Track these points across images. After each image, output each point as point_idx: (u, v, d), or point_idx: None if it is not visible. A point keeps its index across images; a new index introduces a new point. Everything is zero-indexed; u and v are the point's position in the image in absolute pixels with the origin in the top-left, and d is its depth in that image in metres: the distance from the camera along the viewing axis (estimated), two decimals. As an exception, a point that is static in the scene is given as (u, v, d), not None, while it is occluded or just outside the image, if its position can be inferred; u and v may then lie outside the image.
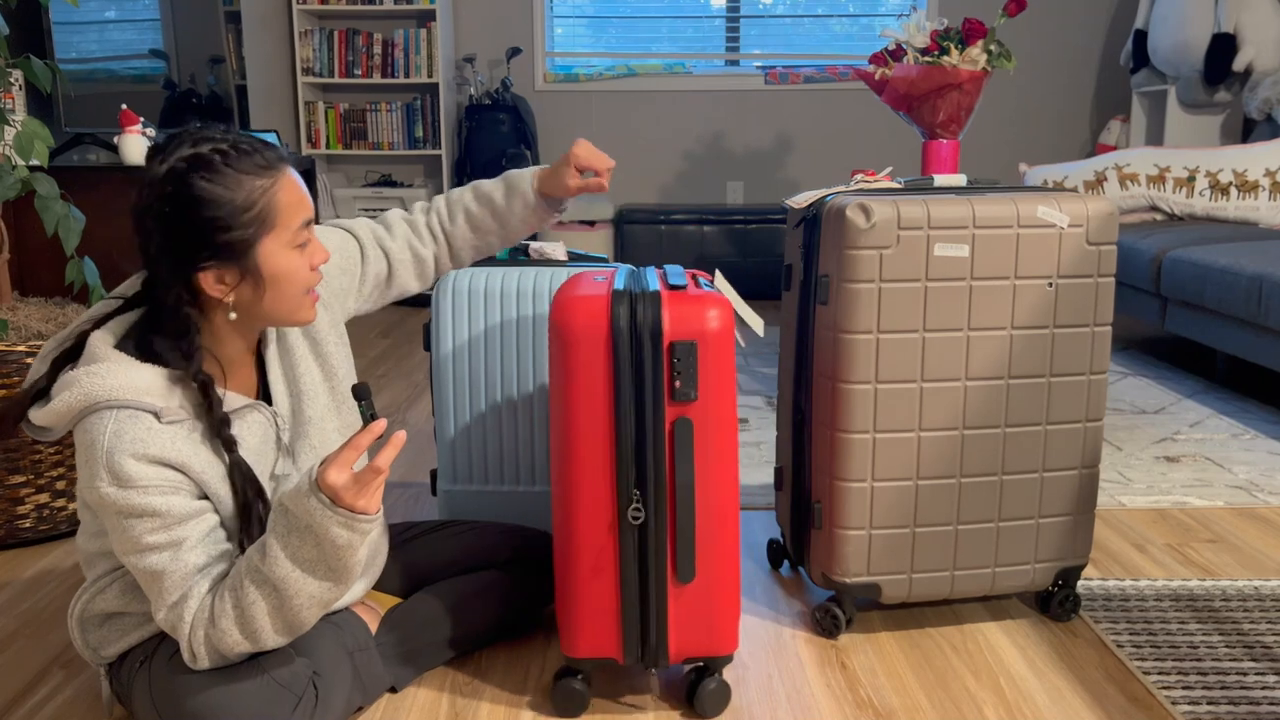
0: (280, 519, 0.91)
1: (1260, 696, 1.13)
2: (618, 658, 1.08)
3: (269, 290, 0.94)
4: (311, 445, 1.05)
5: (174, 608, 0.92)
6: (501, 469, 1.41)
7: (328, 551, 0.90)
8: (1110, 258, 1.22)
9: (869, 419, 1.20)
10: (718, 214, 3.89)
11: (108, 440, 0.89)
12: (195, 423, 0.94)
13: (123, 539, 0.91)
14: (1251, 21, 3.33)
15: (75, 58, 2.60)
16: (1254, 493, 1.80)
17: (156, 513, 0.90)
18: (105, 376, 0.91)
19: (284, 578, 0.90)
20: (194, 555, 0.92)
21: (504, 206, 1.19)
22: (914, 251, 1.17)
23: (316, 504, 0.88)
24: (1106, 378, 1.27)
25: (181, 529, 0.92)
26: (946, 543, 1.25)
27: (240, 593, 0.91)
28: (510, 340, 1.38)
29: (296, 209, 0.94)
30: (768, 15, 4.17)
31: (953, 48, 2.16)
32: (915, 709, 1.12)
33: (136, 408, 0.90)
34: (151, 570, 0.92)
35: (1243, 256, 2.30)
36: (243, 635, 0.92)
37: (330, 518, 0.88)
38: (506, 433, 1.40)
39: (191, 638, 0.92)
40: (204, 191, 0.89)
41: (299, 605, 0.92)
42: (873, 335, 1.18)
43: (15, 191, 1.61)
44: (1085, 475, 1.27)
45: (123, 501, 0.89)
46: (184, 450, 0.92)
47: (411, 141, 3.98)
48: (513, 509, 1.43)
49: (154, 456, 0.90)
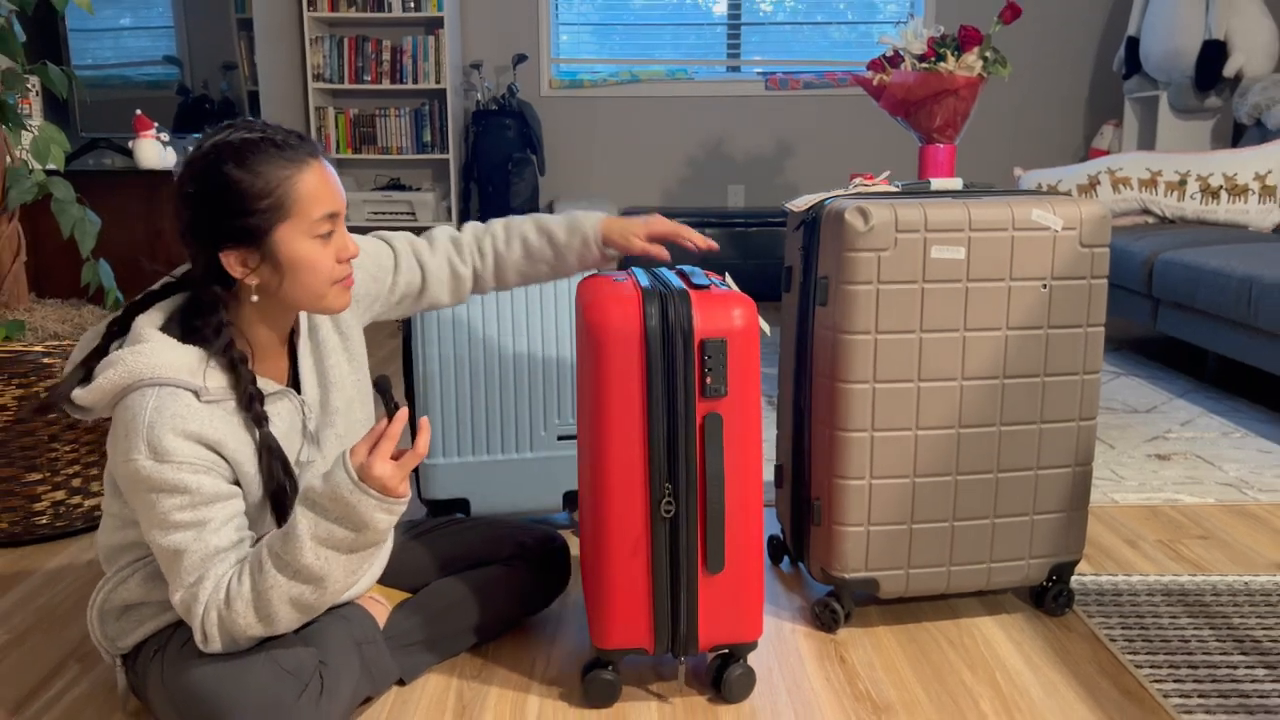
0: (310, 507, 0.95)
1: (1250, 690, 1.14)
2: (649, 648, 1.11)
3: (288, 275, 0.98)
4: (338, 434, 1.09)
5: (190, 588, 0.95)
6: (487, 439, 1.53)
7: (366, 537, 0.95)
8: (1103, 260, 1.24)
9: (867, 418, 1.22)
10: (719, 217, 3.92)
11: (149, 415, 0.93)
12: (233, 404, 0.98)
13: (150, 514, 0.94)
14: (1241, 28, 3.37)
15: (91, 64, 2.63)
16: (1244, 490, 1.82)
17: (187, 489, 0.93)
18: (149, 355, 0.95)
19: (309, 565, 0.94)
20: (216, 537, 0.95)
21: (564, 241, 1.24)
22: (911, 254, 1.19)
23: (362, 495, 0.93)
24: (1099, 377, 1.28)
25: (208, 510, 0.95)
26: (943, 539, 1.27)
27: (259, 577, 0.94)
28: (491, 319, 1.50)
29: (317, 200, 0.97)
30: (768, 23, 4.21)
31: (949, 54, 2.19)
32: (913, 702, 1.13)
33: (177, 385, 0.94)
34: (174, 548, 0.95)
35: (1233, 259, 2.33)
36: (257, 619, 0.95)
37: (376, 506, 0.94)
38: (492, 404, 1.52)
39: (205, 619, 0.95)
40: (226, 176, 0.94)
41: (319, 591, 0.96)
42: (871, 336, 1.20)
43: (32, 195, 1.64)
44: (1078, 473, 1.29)
45: (157, 476, 0.93)
46: (220, 429, 0.96)
47: (420, 146, 4.01)
48: (500, 477, 1.54)
49: (192, 433, 0.94)
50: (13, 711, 1.12)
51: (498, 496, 1.58)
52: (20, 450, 1.54)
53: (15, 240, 1.67)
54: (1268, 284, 2.14)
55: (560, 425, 1.57)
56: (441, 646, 1.20)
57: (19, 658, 1.24)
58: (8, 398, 1.52)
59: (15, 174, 1.62)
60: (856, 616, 1.33)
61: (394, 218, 4.01)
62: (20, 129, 1.64)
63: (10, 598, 1.41)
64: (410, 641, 1.16)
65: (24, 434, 1.54)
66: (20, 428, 1.53)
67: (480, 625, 1.22)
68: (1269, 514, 1.72)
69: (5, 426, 1.52)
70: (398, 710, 1.12)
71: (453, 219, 4.04)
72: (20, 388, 1.53)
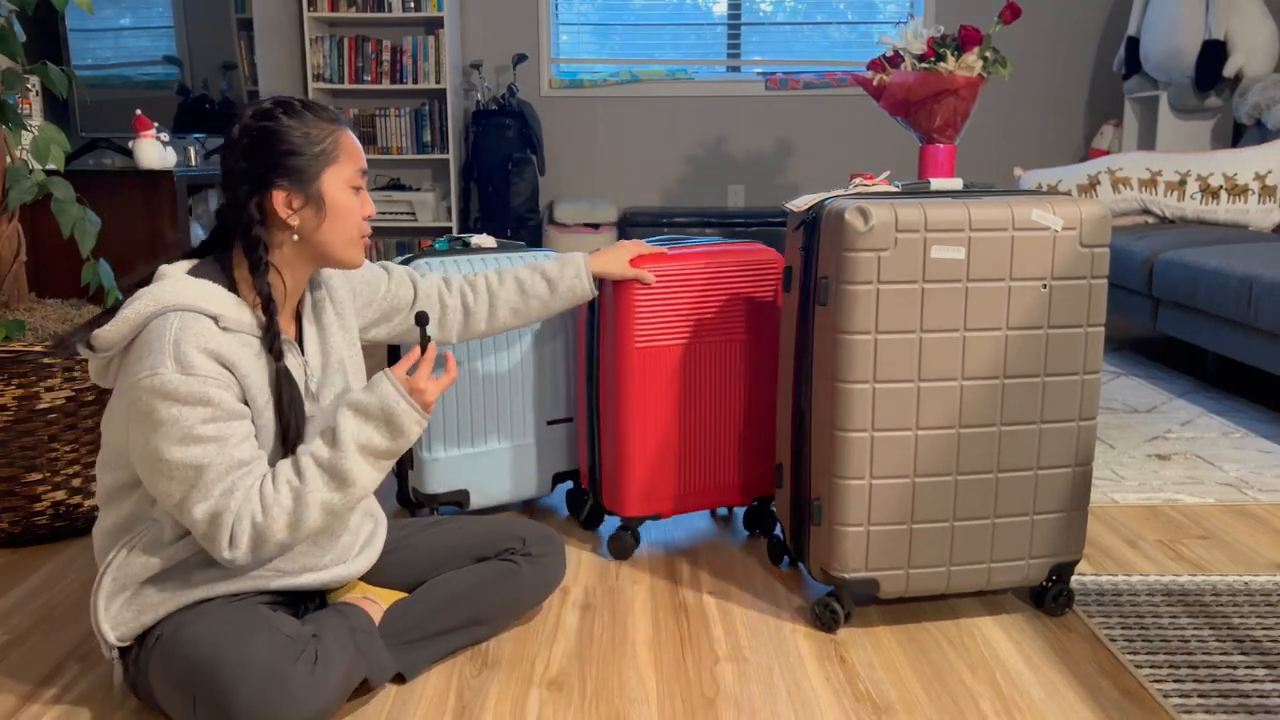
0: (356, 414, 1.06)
1: (1250, 690, 1.14)
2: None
3: (327, 219, 1.08)
4: (336, 391, 1.16)
5: (221, 498, 1.00)
6: (485, 430, 1.58)
7: (398, 444, 1.07)
8: (1103, 260, 1.24)
9: (867, 418, 1.22)
10: (719, 217, 3.92)
11: (174, 333, 1.00)
12: (248, 337, 1.06)
13: (170, 430, 0.99)
14: (1241, 28, 3.37)
15: (91, 64, 2.63)
16: (1244, 490, 1.82)
17: (211, 402, 1.00)
18: (174, 285, 1.04)
19: (351, 468, 1.04)
20: (239, 450, 1.02)
21: (557, 274, 1.41)
22: (911, 253, 1.19)
23: (407, 405, 1.06)
24: (1099, 377, 1.28)
25: (229, 425, 1.02)
26: (943, 539, 1.27)
27: (301, 485, 1.03)
28: None
29: (354, 155, 1.11)
30: (768, 23, 4.21)
31: (949, 54, 2.19)
32: (913, 702, 1.13)
33: (199, 311, 1.03)
34: (196, 463, 1.00)
35: (1233, 259, 2.33)
36: (287, 525, 1.02)
37: (414, 417, 1.07)
38: (489, 396, 1.58)
39: (236, 526, 1.01)
40: (282, 125, 1.06)
41: (351, 498, 1.05)
42: (871, 336, 1.20)
43: (33, 195, 1.64)
44: (1079, 473, 1.29)
45: (184, 389, 0.99)
46: (237, 352, 1.04)
47: (420, 146, 4.01)
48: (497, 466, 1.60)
49: (213, 351, 1.01)
50: (13, 711, 1.12)
51: (495, 485, 1.61)
52: (20, 450, 1.54)
53: (15, 240, 1.67)
54: (1267, 284, 2.14)
55: (551, 409, 1.63)
56: (440, 642, 1.20)
57: (19, 658, 1.24)
58: (8, 398, 1.52)
59: (15, 174, 1.63)
60: (856, 616, 1.34)
61: (394, 218, 4.01)
62: (20, 129, 1.64)
63: (10, 598, 1.41)
64: (408, 638, 1.17)
65: (24, 434, 1.54)
66: (20, 428, 1.54)
67: (478, 620, 1.23)
68: (1269, 514, 1.72)
69: (5, 426, 1.52)
70: (398, 710, 1.12)
71: (453, 219, 4.04)
72: (20, 388, 1.53)
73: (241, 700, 0.96)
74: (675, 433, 1.51)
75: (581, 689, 1.16)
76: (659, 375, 1.48)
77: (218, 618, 1.03)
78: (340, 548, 1.14)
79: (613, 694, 1.15)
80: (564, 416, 1.66)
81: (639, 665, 1.21)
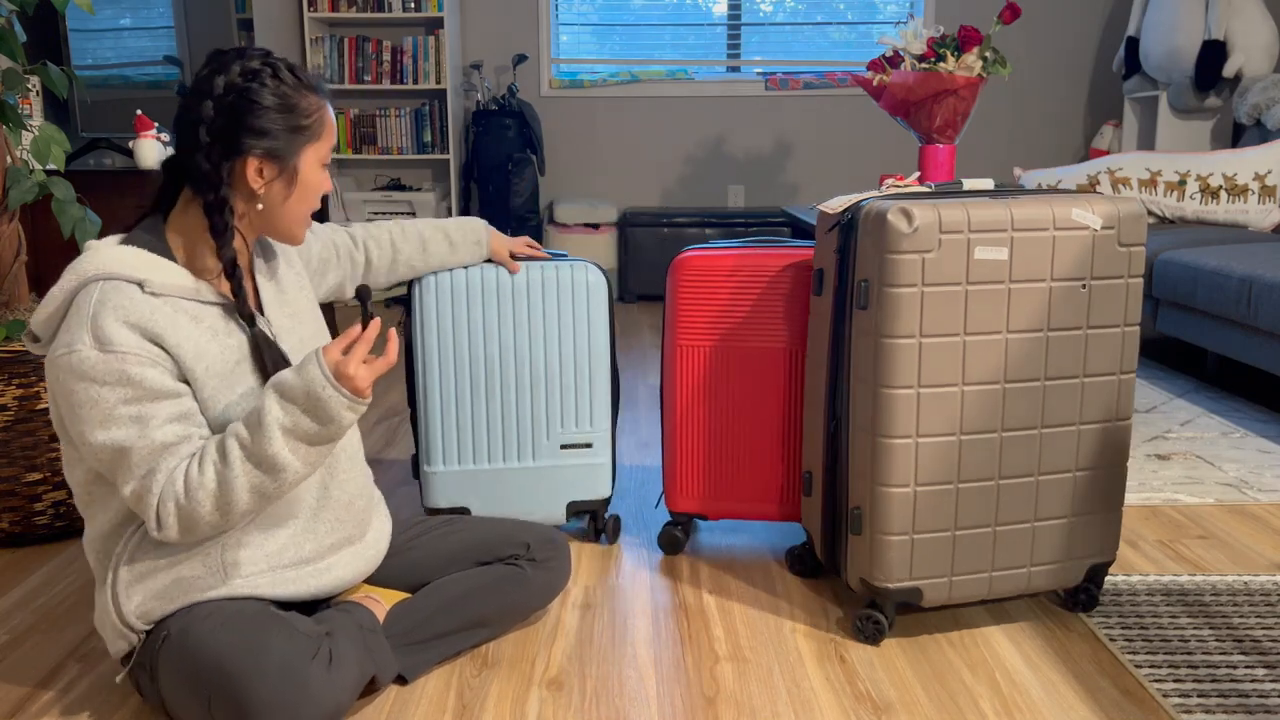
0: (281, 397, 0.98)
1: (1250, 689, 1.15)
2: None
3: (295, 193, 1.04)
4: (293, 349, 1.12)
5: (143, 479, 0.97)
6: (488, 447, 1.52)
7: (329, 431, 0.99)
8: (1139, 259, 1.22)
9: (911, 423, 1.18)
10: (719, 217, 3.92)
11: (93, 306, 0.95)
12: (181, 301, 1.01)
13: (90, 411, 0.95)
14: (1241, 28, 3.37)
15: (91, 64, 2.63)
16: (1243, 490, 1.82)
17: (130, 381, 0.95)
18: (95, 254, 0.99)
19: (276, 453, 0.97)
20: (160, 433, 0.97)
21: (460, 236, 1.43)
22: (955, 255, 1.16)
23: (334, 391, 0.97)
24: (1135, 376, 1.25)
25: (151, 406, 0.96)
26: (985, 544, 1.24)
27: (224, 468, 0.97)
28: (493, 324, 1.49)
29: (332, 132, 1.08)
30: (768, 23, 4.21)
31: (949, 54, 2.20)
32: (913, 703, 1.13)
33: (122, 279, 0.97)
34: (116, 445, 0.96)
35: (1232, 258, 2.33)
36: (216, 507, 0.97)
37: (344, 404, 0.98)
38: (493, 412, 1.51)
39: (160, 509, 0.97)
40: (271, 92, 1.01)
41: (284, 482, 0.99)
42: (915, 339, 1.17)
43: (33, 195, 1.64)
44: (1114, 472, 1.27)
45: (101, 366, 0.94)
46: (161, 321, 0.98)
47: (420, 146, 4.01)
48: (501, 485, 1.53)
49: (134, 322, 0.96)
50: (13, 711, 1.12)
51: (499, 506, 1.54)
52: (20, 450, 1.54)
53: (15, 240, 1.67)
54: (1267, 284, 2.14)
55: (564, 433, 1.53)
56: (442, 644, 1.20)
57: (19, 658, 1.24)
58: (8, 398, 1.52)
59: (15, 174, 1.63)
60: (856, 616, 1.34)
61: (394, 218, 4.01)
62: (20, 129, 1.64)
63: (10, 598, 1.41)
64: (410, 640, 1.17)
65: (24, 434, 1.54)
66: (20, 428, 1.54)
67: (480, 623, 1.23)
68: (1269, 514, 1.72)
69: (5, 426, 1.52)
70: (398, 710, 1.12)
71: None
72: (20, 388, 1.53)
73: (260, 700, 0.95)
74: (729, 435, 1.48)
75: (581, 689, 1.16)
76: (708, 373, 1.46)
77: (230, 616, 1.01)
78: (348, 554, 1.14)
79: (613, 694, 1.15)
80: (582, 442, 1.54)
81: (639, 665, 1.21)
